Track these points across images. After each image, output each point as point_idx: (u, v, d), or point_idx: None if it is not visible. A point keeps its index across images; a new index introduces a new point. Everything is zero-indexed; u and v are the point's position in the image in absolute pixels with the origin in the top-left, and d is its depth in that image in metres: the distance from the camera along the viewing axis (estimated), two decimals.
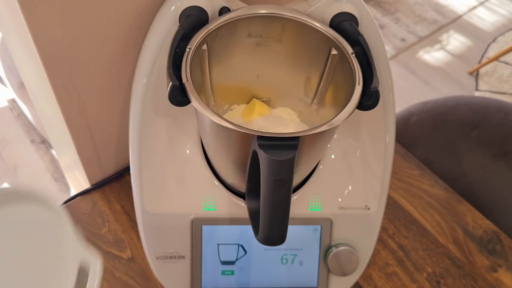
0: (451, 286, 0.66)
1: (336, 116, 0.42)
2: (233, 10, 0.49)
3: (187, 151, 0.55)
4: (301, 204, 0.57)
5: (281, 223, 0.43)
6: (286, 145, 0.40)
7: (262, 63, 0.54)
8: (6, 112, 1.76)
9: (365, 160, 0.57)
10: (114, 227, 0.67)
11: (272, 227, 0.43)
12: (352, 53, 0.47)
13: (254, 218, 0.48)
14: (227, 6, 0.50)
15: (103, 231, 0.67)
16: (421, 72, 2.01)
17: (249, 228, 0.50)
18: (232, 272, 0.58)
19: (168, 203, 0.56)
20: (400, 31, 2.17)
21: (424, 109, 0.99)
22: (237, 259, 0.58)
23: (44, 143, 1.66)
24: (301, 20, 0.50)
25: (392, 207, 0.73)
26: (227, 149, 0.48)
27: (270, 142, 0.39)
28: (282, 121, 0.57)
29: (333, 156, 0.57)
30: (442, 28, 2.20)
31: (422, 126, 0.97)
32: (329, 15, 0.50)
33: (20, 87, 1.26)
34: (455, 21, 2.23)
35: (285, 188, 0.40)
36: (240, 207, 0.56)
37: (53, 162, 1.61)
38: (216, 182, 0.56)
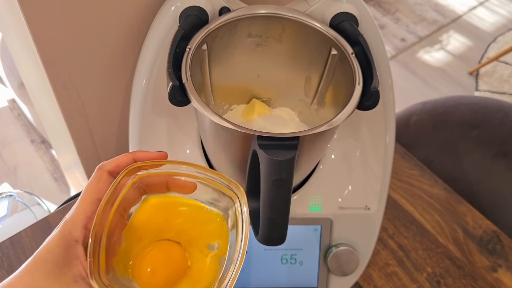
0: (451, 286, 0.66)
1: (336, 116, 0.42)
2: (233, 10, 0.49)
3: (187, 151, 0.55)
4: (301, 204, 0.57)
5: (281, 223, 0.43)
6: (286, 145, 0.40)
7: (262, 63, 0.54)
8: (6, 112, 1.76)
9: (365, 160, 0.57)
10: None
11: (272, 227, 0.43)
12: (352, 53, 0.47)
13: (254, 218, 0.48)
14: (227, 6, 0.50)
15: None
16: (421, 72, 2.00)
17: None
18: None
19: None
20: (400, 31, 2.17)
21: (424, 109, 0.99)
22: None
23: (44, 143, 1.66)
24: (301, 20, 0.50)
25: (392, 207, 0.73)
26: (227, 149, 0.48)
27: (270, 142, 0.39)
28: (282, 121, 0.57)
29: (333, 156, 0.57)
30: (442, 28, 2.20)
31: (422, 126, 0.97)
32: (329, 15, 0.50)
33: (20, 87, 1.26)
34: (455, 21, 2.23)
35: (285, 188, 0.40)
36: None
37: (53, 162, 1.61)
38: None
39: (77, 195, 0.71)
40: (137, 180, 0.37)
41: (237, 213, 0.36)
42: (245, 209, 0.36)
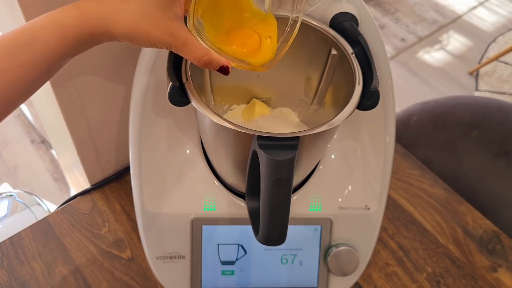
0: (451, 286, 0.66)
1: (336, 116, 0.42)
2: None
3: (187, 151, 0.55)
4: (301, 204, 0.57)
5: (281, 223, 0.43)
6: (286, 145, 0.40)
7: None
8: None
9: (365, 160, 0.57)
10: (114, 227, 0.67)
11: (272, 227, 0.43)
12: (352, 53, 0.47)
13: (254, 218, 0.48)
14: None
15: (103, 231, 0.67)
16: (421, 72, 2.00)
17: (249, 228, 0.50)
18: (232, 272, 0.58)
19: (168, 203, 0.56)
20: (400, 31, 2.17)
21: (424, 109, 0.99)
22: (237, 259, 0.58)
23: (44, 143, 1.66)
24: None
25: (392, 207, 0.73)
26: (227, 149, 0.48)
27: (270, 142, 0.39)
28: (282, 121, 0.57)
29: (333, 156, 0.57)
30: (442, 28, 2.19)
31: (422, 126, 0.97)
32: (329, 15, 0.50)
33: None
34: (455, 21, 2.23)
35: (285, 188, 0.40)
36: (240, 207, 0.56)
37: (53, 162, 1.61)
38: (216, 182, 0.56)
39: (77, 195, 0.71)
40: None
41: None
42: None
